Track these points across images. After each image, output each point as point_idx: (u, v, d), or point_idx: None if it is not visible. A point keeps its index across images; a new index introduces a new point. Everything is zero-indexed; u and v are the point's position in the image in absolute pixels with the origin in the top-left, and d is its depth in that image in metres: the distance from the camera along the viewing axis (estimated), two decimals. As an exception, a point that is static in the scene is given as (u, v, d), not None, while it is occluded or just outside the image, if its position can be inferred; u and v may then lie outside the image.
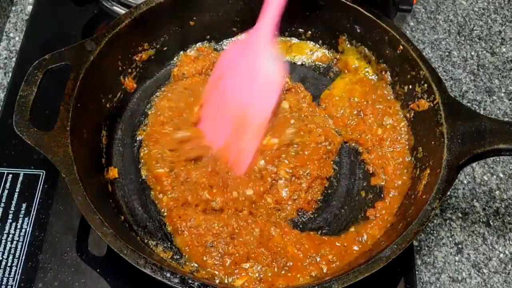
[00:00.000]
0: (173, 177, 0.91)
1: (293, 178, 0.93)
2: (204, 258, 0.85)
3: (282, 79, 0.97)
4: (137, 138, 0.99)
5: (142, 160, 0.97)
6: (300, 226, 0.91)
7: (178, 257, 0.87)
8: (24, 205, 0.93)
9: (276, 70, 0.94)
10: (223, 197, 0.89)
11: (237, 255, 0.84)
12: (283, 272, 0.84)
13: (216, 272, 0.84)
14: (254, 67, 0.94)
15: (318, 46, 1.10)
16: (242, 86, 0.95)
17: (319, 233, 0.90)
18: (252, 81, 0.94)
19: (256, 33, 0.94)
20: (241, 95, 0.94)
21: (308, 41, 1.11)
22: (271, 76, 0.94)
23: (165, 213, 0.91)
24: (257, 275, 0.84)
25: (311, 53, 1.11)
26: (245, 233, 0.86)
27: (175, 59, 1.07)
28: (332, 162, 0.98)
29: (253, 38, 0.95)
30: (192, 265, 0.85)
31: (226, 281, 0.83)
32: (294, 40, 1.11)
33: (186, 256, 0.86)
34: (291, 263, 0.85)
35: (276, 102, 0.95)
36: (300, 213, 0.92)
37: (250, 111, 0.93)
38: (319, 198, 0.94)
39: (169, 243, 0.89)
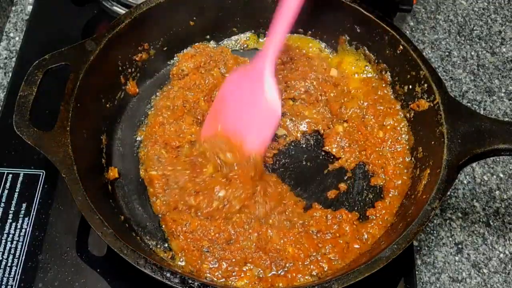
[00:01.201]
0: (165, 181, 0.91)
1: None
2: (200, 262, 0.84)
3: (279, 112, 0.95)
4: (137, 138, 0.99)
5: (141, 160, 0.97)
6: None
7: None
8: (24, 205, 0.93)
9: (276, 101, 0.94)
10: (209, 204, 0.88)
11: (233, 260, 0.84)
12: (282, 273, 0.84)
13: (210, 275, 0.83)
14: (255, 95, 0.94)
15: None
16: (242, 112, 0.95)
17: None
18: (252, 108, 0.94)
19: (259, 61, 0.94)
20: (240, 121, 0.94)
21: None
22: (271, 106, 0.93)
23: (160, 216, 0.91)
24: (256, 275, 0.84)
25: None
26: (242, 238, 0.86)
27: (175, 59, 1.07)
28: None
29: (257, 66, 0.94)
30: (189, 268, 0.85)
31: (224, 283, 0.83)
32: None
33: (182, 259, 0.86)
34: (291, 264, 0.84)
35: (273, 132, 0.95)
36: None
37: (248, 139, 0.92)
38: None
39: (168, 244, 0.89)
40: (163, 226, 0.89)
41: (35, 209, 0.92)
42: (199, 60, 1.04)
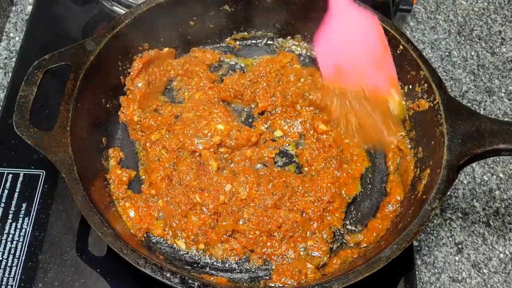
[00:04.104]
0: (168, 181, 0.92)
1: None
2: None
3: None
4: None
5: (141, 161, 0.97)
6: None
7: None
8: (24, 205, 0.93)
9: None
10: (214, 201, 0.88)
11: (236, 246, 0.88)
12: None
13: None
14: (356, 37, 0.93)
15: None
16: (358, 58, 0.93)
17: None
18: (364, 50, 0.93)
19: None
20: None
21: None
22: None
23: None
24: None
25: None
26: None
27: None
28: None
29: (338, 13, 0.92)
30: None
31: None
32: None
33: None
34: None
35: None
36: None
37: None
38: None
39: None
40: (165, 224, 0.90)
41: (35, 209, 0.92)
42: (146, 78, 1.01)
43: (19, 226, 0.91)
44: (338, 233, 0.91)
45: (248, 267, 0.87)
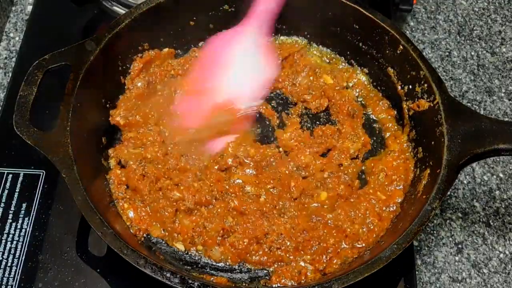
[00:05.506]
0: (145, 183, 0.91)
1: None
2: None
3: (273, 76, 1.01)
4: (137, 138, 1.00)
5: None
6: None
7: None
8: (24, 205, 0.93)
9: (268, 66, 0.99)
10: (190, 190, 0.88)
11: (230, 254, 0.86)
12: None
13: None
14: (245, 59, 0.99)
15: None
16: (230, 75, 0.98)
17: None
18: (242, 72, 0.99)
19: (249, 25, 0.98)
20: (228, 83, 0.98)
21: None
22: (263, 71, 0.99)
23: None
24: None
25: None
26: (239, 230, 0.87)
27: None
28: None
29: (245, 30, 0.98)
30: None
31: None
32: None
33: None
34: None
35: (264, 96, 1.00)
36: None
37: (237, 100, 0.97)
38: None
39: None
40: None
41: (35, 209, 0.92)
42: (146, 78, 1.01)
43: (19, 226, 0.91)
44: (338, 233, 0.90)
45: (248, 267, 0.87)
